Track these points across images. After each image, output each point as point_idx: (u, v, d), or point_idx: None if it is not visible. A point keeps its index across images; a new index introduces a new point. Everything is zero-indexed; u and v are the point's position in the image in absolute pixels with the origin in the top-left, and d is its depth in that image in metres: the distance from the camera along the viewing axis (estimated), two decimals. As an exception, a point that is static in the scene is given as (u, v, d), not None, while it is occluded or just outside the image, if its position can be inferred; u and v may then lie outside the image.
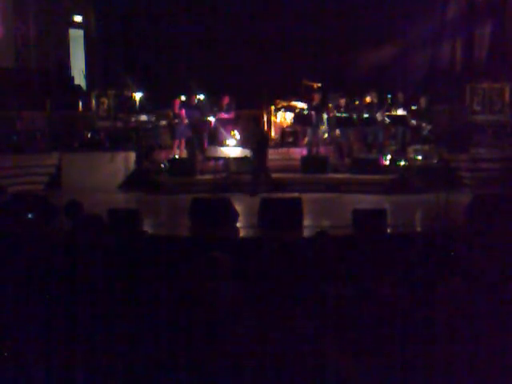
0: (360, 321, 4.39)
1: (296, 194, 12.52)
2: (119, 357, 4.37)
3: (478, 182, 13.36)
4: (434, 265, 5.69)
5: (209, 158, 15.05)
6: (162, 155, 16.03)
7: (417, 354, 4.18)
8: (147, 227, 10.24)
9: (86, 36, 19.22)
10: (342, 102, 15.68)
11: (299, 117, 16.04)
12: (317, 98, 15.65)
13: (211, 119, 15.86)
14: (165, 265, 6.44)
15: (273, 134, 16.77)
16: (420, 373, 4.13)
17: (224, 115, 15.92)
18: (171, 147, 15.97)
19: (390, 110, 15.40)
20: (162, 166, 15.41)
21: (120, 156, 15.52)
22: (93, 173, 15.11)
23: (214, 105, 16.26)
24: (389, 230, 9.53)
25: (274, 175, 14.26)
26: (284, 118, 16.70)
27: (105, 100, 16.78)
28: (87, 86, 18.31)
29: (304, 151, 15.62)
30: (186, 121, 15.66)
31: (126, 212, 10.45)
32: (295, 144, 16.33)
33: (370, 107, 15.54)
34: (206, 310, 4.51)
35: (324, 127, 15.86)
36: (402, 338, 4.24)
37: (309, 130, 15.67)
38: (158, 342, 4.46)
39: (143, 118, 16.37)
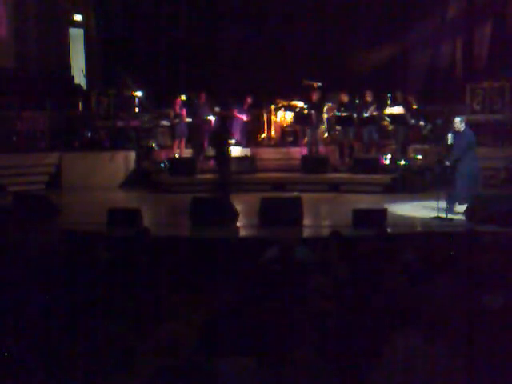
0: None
1: (296, 194, 12.53)
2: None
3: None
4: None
5: (208, 158, 15.04)
6: (162, 155, 16.02)
7: None
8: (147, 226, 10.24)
9: (85, 36, 19.17)
10: (345, 98, 15.52)
11: (299, 116, 16.03)
12: (316, 96, 15.59)
13: (211, 119, 15.86)
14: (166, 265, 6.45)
15: (273, 133, 16.76)
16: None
17: (242, 116, 15.92)
18: (171, 147, 15.96)
19: (382, 109, 15.31)
20: (162, 165, 15.40)
21: (120, 155, 15.52)
22: (93, 172, 15.12)
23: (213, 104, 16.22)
24: (389, 230, 9.53)
25: (274, 175, 14.19)
26: (284, 117, 16.69)
27: (105, 99, 16.74)
28: (87, 85, 18.27)
29: (304, 150, 15.59)
30: (186, 120, 15.66)
31: (127, 211, 10.47)
32: (295, 143, 16.33)
33: (367, 106, 15.46)
34: None
35: (324, 127, 15.84)
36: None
37: (308, 130, 15.65)
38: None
39: (143, 117, 16.36)
